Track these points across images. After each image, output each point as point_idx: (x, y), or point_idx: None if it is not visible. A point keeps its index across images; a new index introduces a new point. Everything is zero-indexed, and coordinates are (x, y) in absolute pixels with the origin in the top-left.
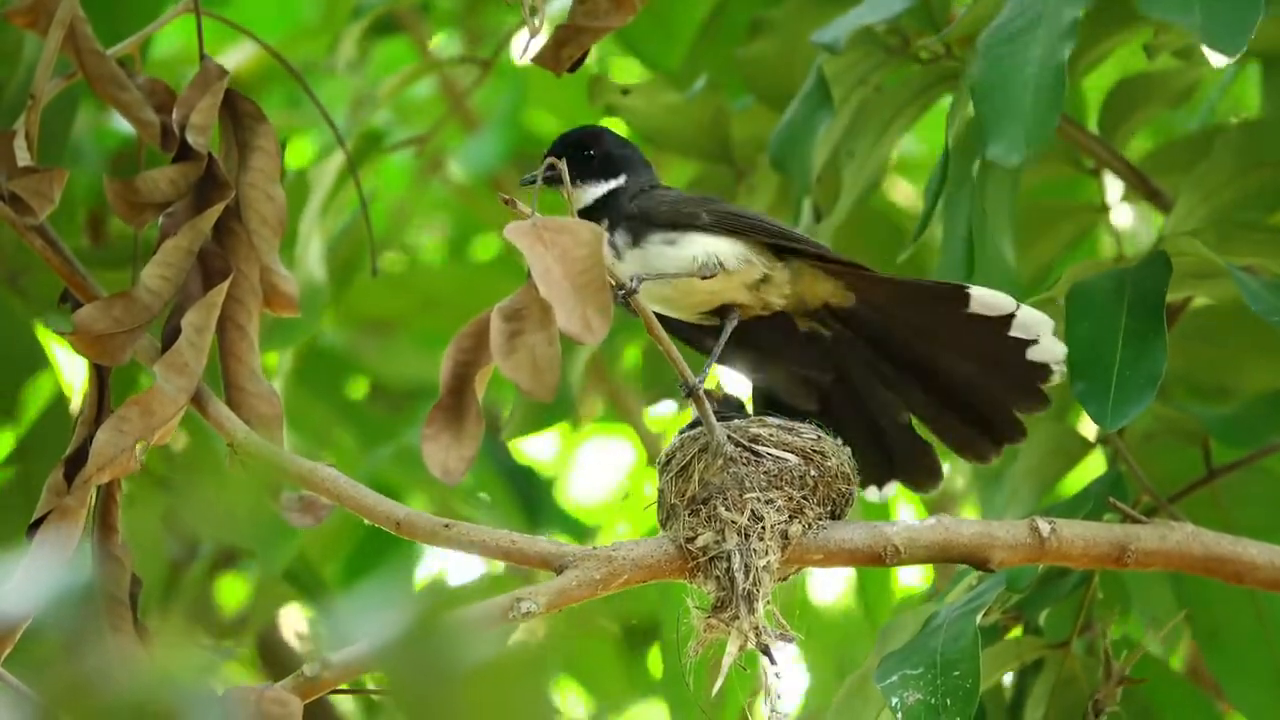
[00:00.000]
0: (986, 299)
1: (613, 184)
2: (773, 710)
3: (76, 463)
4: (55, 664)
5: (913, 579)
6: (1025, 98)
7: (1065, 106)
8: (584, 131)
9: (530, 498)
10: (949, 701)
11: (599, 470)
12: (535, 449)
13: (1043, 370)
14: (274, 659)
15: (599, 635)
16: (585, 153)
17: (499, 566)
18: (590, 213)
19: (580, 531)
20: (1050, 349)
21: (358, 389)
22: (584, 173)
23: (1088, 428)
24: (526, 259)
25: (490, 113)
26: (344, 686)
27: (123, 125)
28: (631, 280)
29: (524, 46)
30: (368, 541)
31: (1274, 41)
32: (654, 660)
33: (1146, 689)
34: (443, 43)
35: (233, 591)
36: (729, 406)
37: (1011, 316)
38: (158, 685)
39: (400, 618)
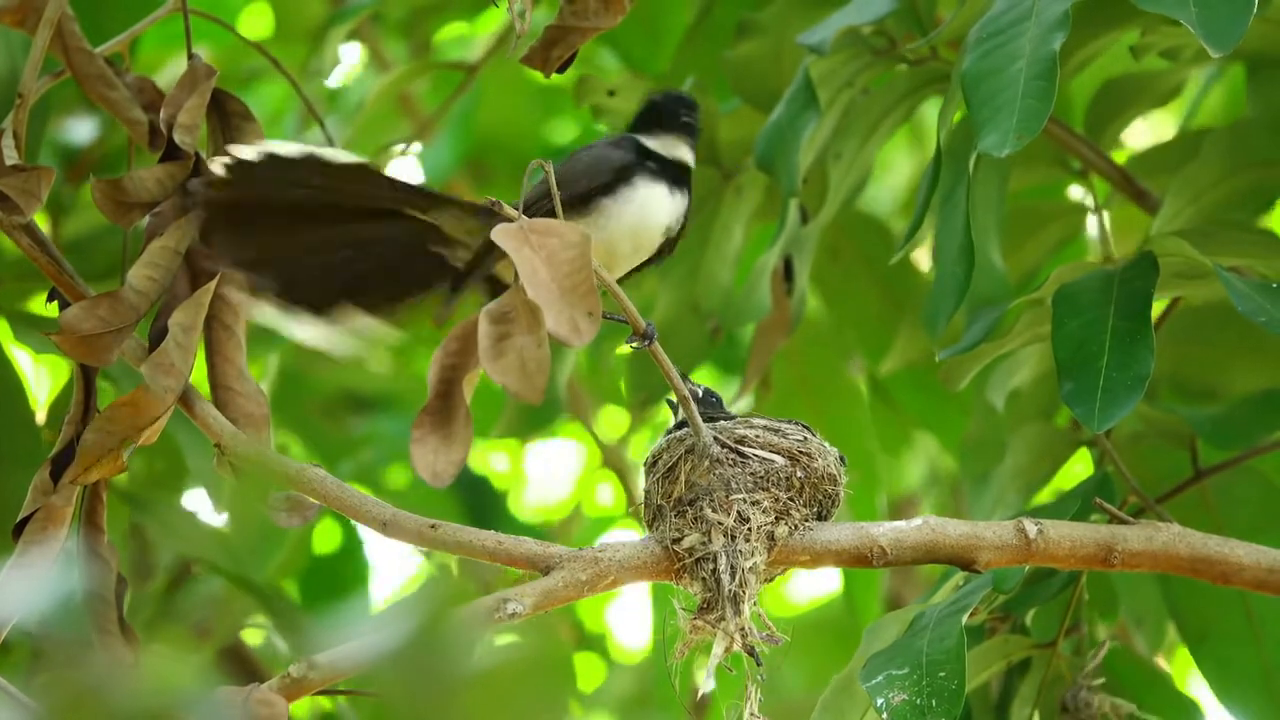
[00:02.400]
0: None
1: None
2: (750, 714)
3: (63, 462)
4: (44, 666)
5: None
6: (1016, 88)
7: (1055, 101)
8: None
9: (481, 508)
10: (935, 702)
11: (552, 471)
12: (491, 458)
13: None
14: (235, 669)
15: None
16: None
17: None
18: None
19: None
20: None
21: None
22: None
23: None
24: (514, 262)
25: (443, 118)
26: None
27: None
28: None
29: (513, 47)
30: (325, 553)
31: (1260, 43)
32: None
33: (1133, 690)
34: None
35: (194, 601)
36: (708, 403)
37: None
38: (148, 689)
39: (401, 626)
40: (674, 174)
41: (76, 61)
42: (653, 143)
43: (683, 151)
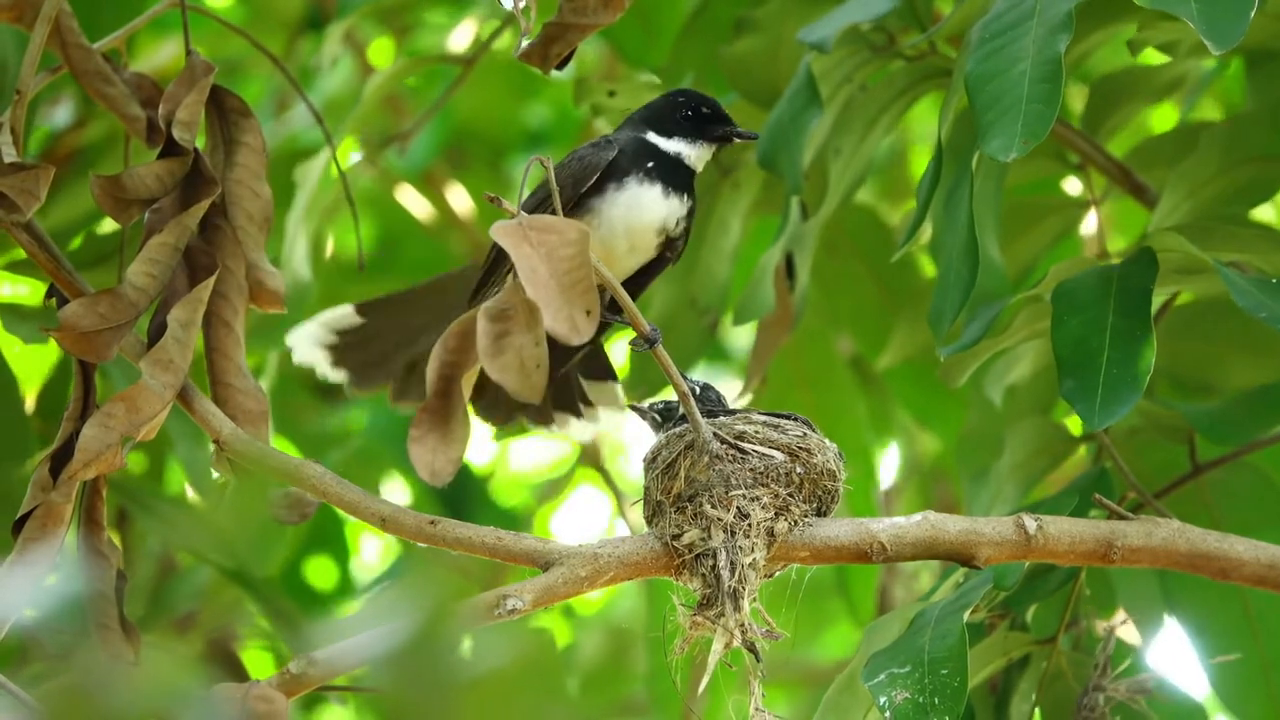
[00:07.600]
0: None
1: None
2: (756, 709)
3: (62, 458)
4: (44, 662)
5: None
6: (1021, 90)
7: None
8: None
9: (458, 496)
10: (937, 700)
11: (532, 460)
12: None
13: None
14: (221, 659)
15: None
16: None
17: None
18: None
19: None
20: None
21: None
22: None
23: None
24: (512, 259)
25: (421, 107)
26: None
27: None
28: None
29: (517, 45)
30: (307, 541)
31: (1259, 36)
32: None
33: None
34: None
35: (182, 594)
36: (707, 399)
37: None
38: (147, 689)
39: (399, 626)
40: (674, 174)
41: (74, 57)
42: (662, 141)
43: (693, 151)
